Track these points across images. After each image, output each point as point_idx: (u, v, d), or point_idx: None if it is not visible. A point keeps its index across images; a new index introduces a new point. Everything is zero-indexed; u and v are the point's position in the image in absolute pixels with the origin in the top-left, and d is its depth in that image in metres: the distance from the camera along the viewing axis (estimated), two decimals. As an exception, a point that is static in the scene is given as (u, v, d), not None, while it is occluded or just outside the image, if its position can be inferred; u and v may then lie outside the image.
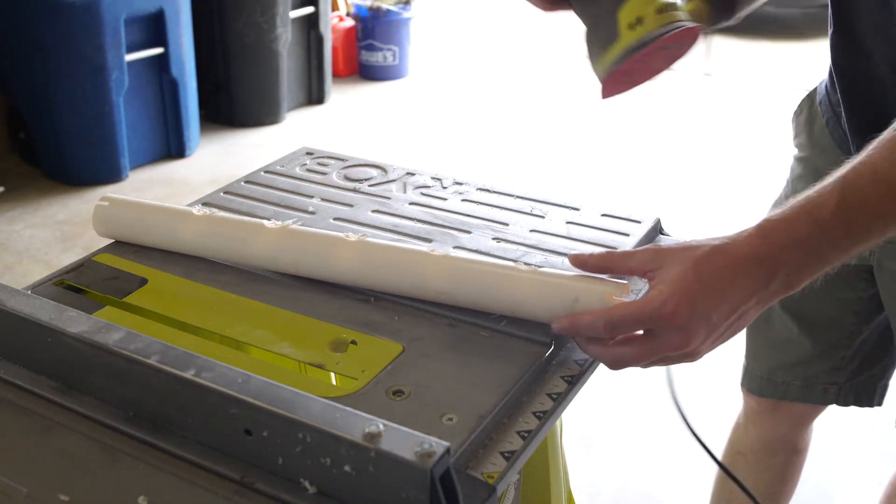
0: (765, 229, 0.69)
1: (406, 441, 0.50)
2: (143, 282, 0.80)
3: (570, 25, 0.95)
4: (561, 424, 0.95)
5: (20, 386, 0.64)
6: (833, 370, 1.21)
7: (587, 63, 0.88)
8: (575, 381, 0.70)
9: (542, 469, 0.90)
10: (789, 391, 1.24)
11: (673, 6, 0.87)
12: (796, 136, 1.18)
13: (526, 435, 0.63)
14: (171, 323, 0.75)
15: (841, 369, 1.21)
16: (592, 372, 0.72)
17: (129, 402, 0.61)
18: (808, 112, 1.15)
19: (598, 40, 0.88)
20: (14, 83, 3.09)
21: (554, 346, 0.71)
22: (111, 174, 3.14)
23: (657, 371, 1.24)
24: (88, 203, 3.02)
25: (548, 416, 0.65)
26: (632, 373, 1.22)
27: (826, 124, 1.10)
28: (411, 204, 0.96)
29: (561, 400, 0.67)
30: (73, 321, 0.62)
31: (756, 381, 1.26)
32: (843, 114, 1.02)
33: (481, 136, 3.78)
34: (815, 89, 1.15)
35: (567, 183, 3.11)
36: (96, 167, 3.12)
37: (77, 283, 0.80)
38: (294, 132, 3.63)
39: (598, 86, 0.88)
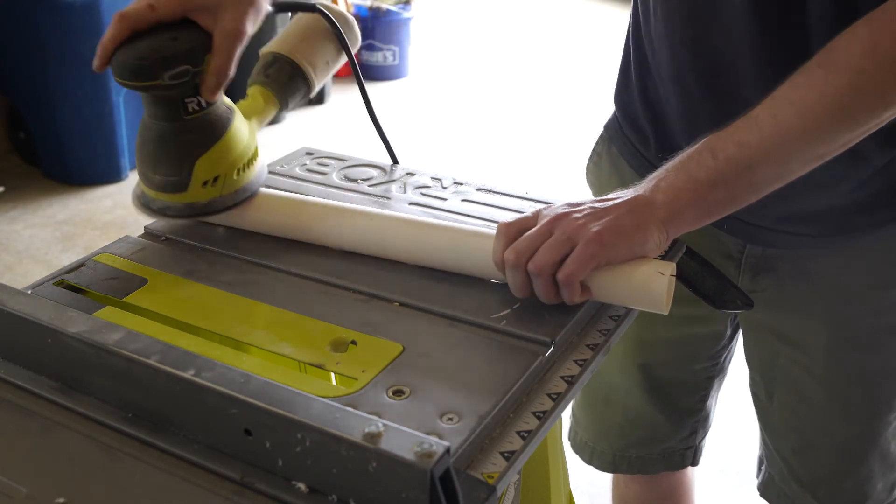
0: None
1: (406, 441, 0.50)
2: (143, 282, 0.80)
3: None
4: (561, 424, 0.95)
5: (20, 386, 0.64)
6: (689, 436, 1.20)
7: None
8: (575, 381, 0.70)
9: (542, 469, 0.90)
10: (646, 464, 1.21)
11: (253, 157, 0.86)
12: (600, 190, 1.10)
13: (526, 435, 0.63)
14: (171, 323, 0.74)
15: (694, 433, 1.20)
16: (593, 372, 0.72)
17: (129, 402, 0.61)
18: (609, 158, 1.08)
19: (158, 168, 0.82)
20: (14, 83, 3.09)
21: (554, 346, 0.71)
22: (111, 174, 3.14)
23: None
24: (88, 203, 3.02)
25: (548, 416, 0.65)
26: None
27: (632, 167, 1.03)
28: (411, 204, 0.96)
29: (561, 400, 0.67)
30: (73, 321, 0.62)
31: (608, 460, 1.22)
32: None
33: (481, 136, 3.78)
34: (604, 130, 1.09)
35: (567, 183, 3.11)
36: (96, 167, 3.13)
37: (77, 283, 0.80)
38: (294, 132, 3.64)
39: (133, 205, 0.86)
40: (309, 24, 0.95)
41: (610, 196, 0.77)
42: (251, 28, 0.80)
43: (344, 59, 0.97)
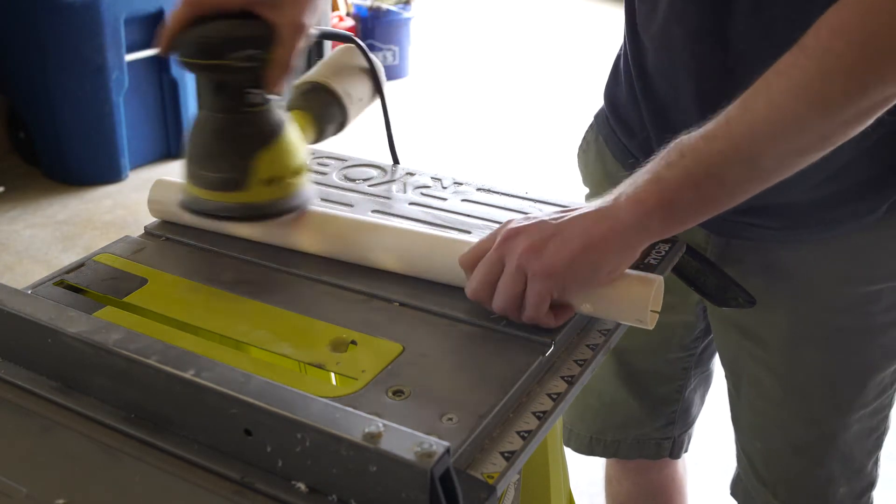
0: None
1: (406, 441, 0.50)
2: (143, 282, 0.80)
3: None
4: (561, 424, 0.95)
5: (20, 386, 0.64)
6: (665, 426, 1.19)
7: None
8: (575, 381, 0.70)
9: (542, 469, 0.90)
10: (621, 448, 1.20)
11: (305, 169, 0.83)
12: (587, 176, 1.12)
13: (526, 435, 0.63)
14: (171, 323, 0.75)
15: (671, 424, 1.19)
16: (593, 372, 0.72)
17: (129, 402, 0.61)
18: (596, 146, 1.09)
19: (215, 163, 0.79)
20: (14, 83, 3.09)
21: (554, 346, 0.71)
22: (111, 174, 3.15)
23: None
24: (88, 203, 3.02)
25: (548, 416, 0.65)
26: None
27: (615, 157, 1.04)
28: (411, 204, 0.96)
29: (561, 400, 0.67)
30: (73, 321, 0.62)
31: (584, 442, 1.21)
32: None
33: (482, 135, 3.79)
34: (594, 119, 1.10)
35: (567, 182, 3.11)
36: (96, 167, 3.13)
37: (77, 283, 0.80)
38: (294, 132, 3.63)
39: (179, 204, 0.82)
40: (343, 59, 0.97)
41: (573, 207, 0.75)
42: (310, 22, 0.80)
43: (373, 100, 0.99)
